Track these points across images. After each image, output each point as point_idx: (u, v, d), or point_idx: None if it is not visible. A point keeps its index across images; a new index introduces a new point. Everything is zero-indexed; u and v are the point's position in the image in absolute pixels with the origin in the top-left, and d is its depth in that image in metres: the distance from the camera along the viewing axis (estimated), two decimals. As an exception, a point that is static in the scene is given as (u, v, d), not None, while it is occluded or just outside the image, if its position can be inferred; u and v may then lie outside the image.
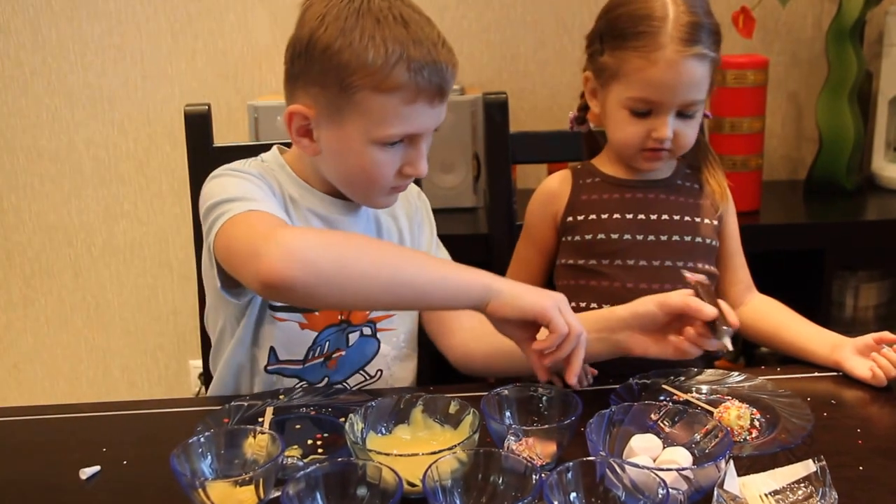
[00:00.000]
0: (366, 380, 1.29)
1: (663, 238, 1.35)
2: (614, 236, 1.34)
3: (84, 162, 2.46)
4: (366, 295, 1.00)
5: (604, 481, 0.84)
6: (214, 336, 1.29)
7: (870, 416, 1.12)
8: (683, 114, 1.29)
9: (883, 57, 2.29)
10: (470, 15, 2.36)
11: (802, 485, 0.91)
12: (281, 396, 1.16)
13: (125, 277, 2.55)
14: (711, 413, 1.08)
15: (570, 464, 0.83)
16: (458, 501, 0.85)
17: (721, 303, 1.12)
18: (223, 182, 1.14)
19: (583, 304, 1.34)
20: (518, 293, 1.05)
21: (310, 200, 1.21)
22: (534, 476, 0.83)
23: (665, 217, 1.36)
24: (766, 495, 0.90)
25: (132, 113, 2.43)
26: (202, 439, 0.90)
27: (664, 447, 0.95)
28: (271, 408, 1.10)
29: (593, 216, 1.36)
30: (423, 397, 1.03)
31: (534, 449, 0.94)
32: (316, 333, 1.23)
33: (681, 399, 1.15)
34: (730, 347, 1.11)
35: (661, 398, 1.15)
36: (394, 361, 1.31)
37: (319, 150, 1.15)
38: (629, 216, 1.35)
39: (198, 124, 1.43)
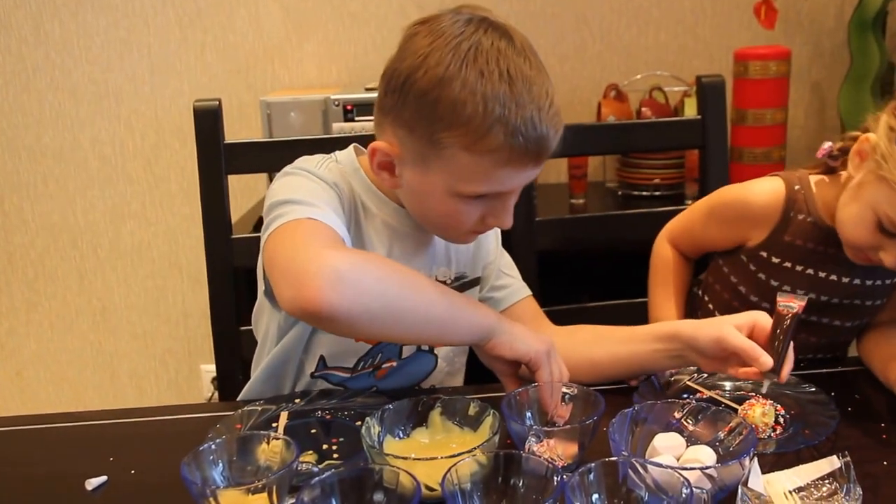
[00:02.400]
0: None
1: (846, 302, 1.30)
2: (799, 291, 1.23)
3: (89, 160, 2.46)
4: (400, 331, 1.04)
5: (626, 482, 0.85)
6: (260, 337, 1.30)
7: (894, 412, 1.13)
8: None
9: (905, 47, 2.30)
10: (487, 5, 2.36)
11: (827, 481, 0.92)
12: (297, 401, 1.17)
13: (133, 280, 2.55)
14: (735, 410, 1.09)
15: (592, 464, 0.84)
16: (478, 504, 0.86)
17: (788, 354, 1.08)
18: (291, 181, 1.14)
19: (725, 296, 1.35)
20: (516, 336, 1.09)
21: (382, 210, 1.19)
22: (555, 478, 0.84)
23: (857, 281, 1.28)
24: (790, 492, 0.91)
25: (140, 109, 2.43)
26: (213, 446, 0.90)
27: (688, 446, 0.96)
28: (286, 412, 1.11)
29: (788, 263, 1.28)
30: (441, 399, 1.04)
31: (555, 450, 0.95)
32: (371, 346, 1.25)
33: (704, 396, 1.16)
34: (763, 391, 1.15)
35: (685, 396, 1.16)
36: (447, 377, 1.33)
37: (400, 185, 1.14)
38: (823, 274, 1.27)
39: (208, 120, 1.42)
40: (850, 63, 2.31)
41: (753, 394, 1.17)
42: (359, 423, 1.03)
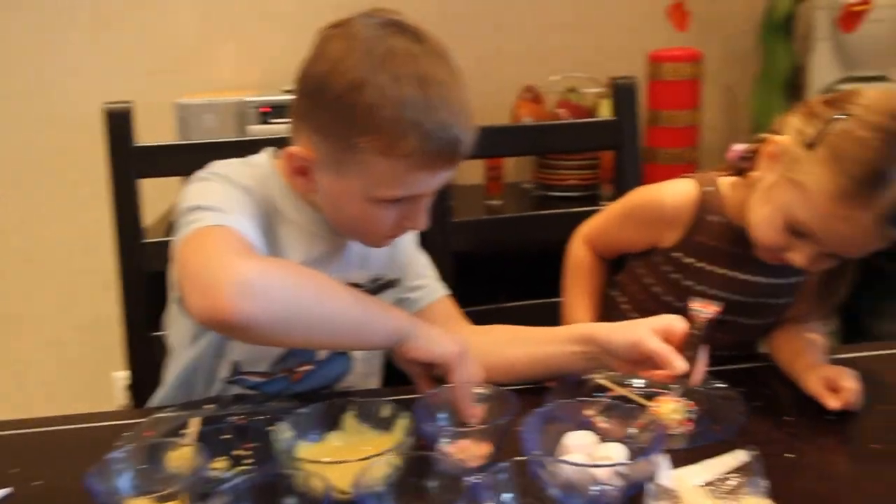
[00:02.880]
0: None
1: (757, 301, 1.32)
2: (711, 291, 1.28)
3: (-3, 163, 2.39)
4: (313, 338, 1.04)
5: (538, 480, 0.85)
6: (172, 343, 1.28)
7: (801, 406, 1.16)
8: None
9: (812, 51, 2.37)
10: (403, 8, 2.36)
11: (735, 475, 0.95)
12: (210, 406, 1.15)
13: (42, 285, 2.48)
14: (647, 407, 1.11)
15: (504, 464, 0.85)
16: (390, 506, 0.86)
17: (700, 358, 1.10)
18: (203, 187, 1.12)
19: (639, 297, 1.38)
20: (430, 339, 1.09)
21: (297, 214, 1.18)
22: (467, 478, 0.84)
23: (767, 280, 1.30)
24: (699, 487, 0.93)
25: (50, 111, 2.36)
26: (121, 455, 0.88)
27: (599, 443, 0.97)
28: (198, 418, 1.09)
29: (701, 264, 1.30)
30: (354, 402, 1.04)
31: (468, 450, 0.96)
32: (284, 350, 1.23)
33: (616, 394, 1.17)
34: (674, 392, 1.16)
35: (597, 394, 1.17)
36: (363, 378, 1.33)
37: (316, 190, 1.13)
38: (734, 274, 1.30)
39: (118, 123, 1.40)
40: (761, 65, 2.38)
41: (664, 391, 1.18)
42: (272, 428, 1.01)
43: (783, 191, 1.16)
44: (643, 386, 1.21)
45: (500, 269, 1.96)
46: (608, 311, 1.47)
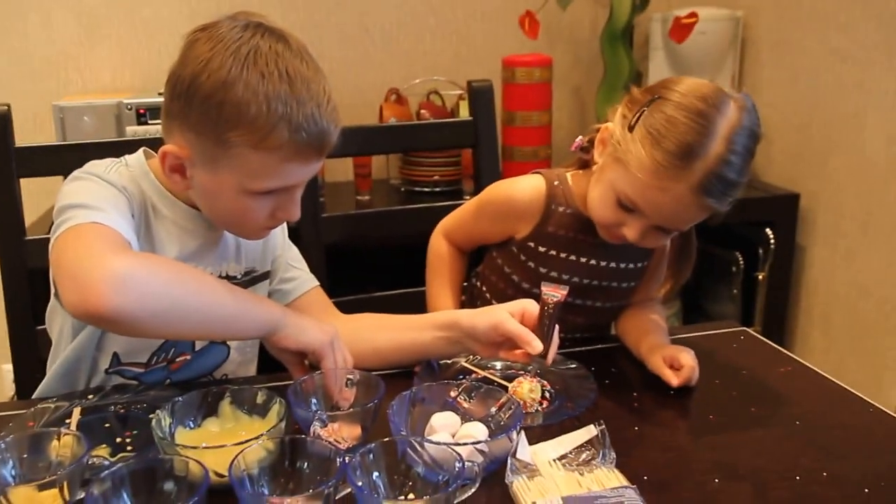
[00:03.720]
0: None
1: (605, 284, 1.35)
2: (564, 276, 1.31)
3: None
4: (187, 330, 1.04)
5: (405, 459, 0.85)
6: (54, 336, 1.23)
7: (645, 383, 1.21)
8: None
9: (649, 58, 2.48)
10: (275, 13, 2.34)
11: (586, 448, 0.97)
12: (90, 396, 1.11)
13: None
14: (506, 388, 1.12)
15: (372, 445, 0.85)
16: (265, 489, 0.84)
17: (553, 338, 1.11)
18: (78, 186, 1.08)
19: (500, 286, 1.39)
20: (302, 328, 1.10)
21: (172, 211, 1.15)
22: (338, 459, 0.84)
23: (613, 265, 1.33)
24: (554, 461, 0.95)
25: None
26: (2, 445, 0.86)
27: (462, 422, 0.99)
28: (78, 408, 1.05)
29: (553, 252, 1.32)
30: (230, 389, 1.02)
31: (339, 433, 0.95)
32: (162, 341, 1.20)
33: (479, 376, 1.19)
34: (531, 371, 1.20)
35: (461, 377, 1.18)
36: (240, 366, 1.30)
37: (192, 186, 1.11)
38: (584, 259, 1.32)
39: (-2, 125, 1.37)
40: (604, 70, 2.46)
41: (522, 372, 1.21)
42: (152, 416, 0.98)
43: (611, 170, 1.19)
44: (502, 368, 1.23)
45: (369, 260, 1.96)
46: (470, 299, 1.49)
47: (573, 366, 1.23)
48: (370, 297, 1.59)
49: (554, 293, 1.12)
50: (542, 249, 1.34)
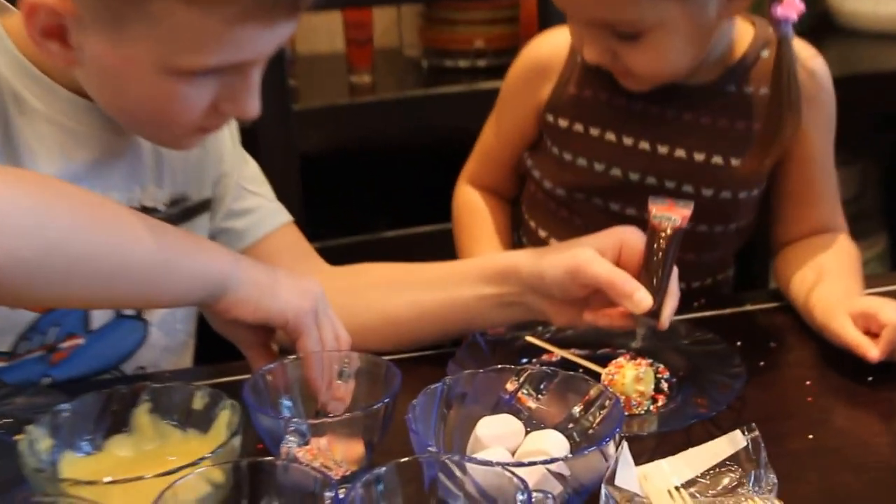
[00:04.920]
0: None
1: (678, 187, 1.38)
2: (598, 167, 1.37)
3: None
4: (76, 290, 1.00)
5: (436, 489, 0.85)
6: None
7: (825, 363, 1.20)
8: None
9: None
10: None
11: (729, 468, 0.96)
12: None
13: None
14: (598, 375, 1.12)
15: (383, 469, 0.84)
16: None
17: (671, 288, 1.12)
18: None
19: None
20: (264, 288, 1.09)
21: (47, 102, 1.15)
22: (327, 494, 0.83)
23: (682, 153, 1.38)
24: (677, 489, 0.94)
25: None
26: None
27: (527, 431, 0.99)
28: None
29: (578, 126, 1.41)
30: (149, 390, 1.02)
31: (330, 453, 0.95)
32: (37, 315, 1.20)
33: (553, 359, 1.20)
34: (636, 344, 1.20)
35: (523, 359, 1.19)
36: (165, 354, 1.32)
37: (78, 61, 1.08)
38: (627, 140, 1.39)
39: None
40: None
41: (623, 350, 1.20)
42: (20, 436, 0.98)
43: None
44: (592, 344, 1.24)
45: (369, 180, 1.95)
46: None
47: (706, 338, 1.23)
48: (370, 240, 1.60)
49: (668, 213, 1.11)
50: (562, 124, 1.40)
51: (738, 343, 1.22)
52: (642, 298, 1.09)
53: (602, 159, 1.38)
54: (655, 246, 1.11)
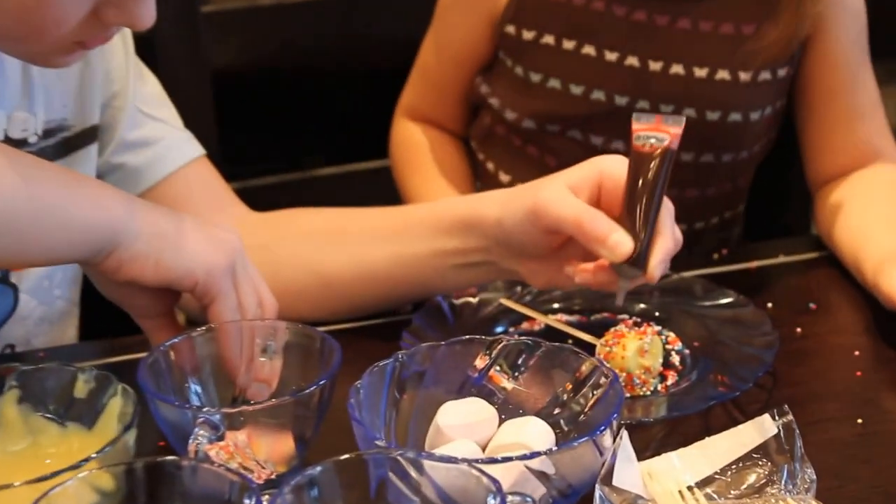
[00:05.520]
0: None
1: (667, 109, 1.39)
2: (575, 90, 1.37)
3: None
4: None
5: (385, 493, 0.84)
6: None
7: (878, 329, 1.20)
8: None
9: None
10: None
11: (755, 462, 0.96)
12: None
13: None
14: (592, 347, 1.12)
15: (318, 469, 0.83)
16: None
17: (663, 227, 1.10)
18: None
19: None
20: (166, 243, 1.09)
21: None
22: (247, 501, 0.82)
23: (679, 69, 1.40)
24: (690, 489, 0.94)
25: None
26: None
27: (502, 419, 0.98)
28: None
29: (548, 38, 1.40)
30: (17, 372, 1.02)
31: (250, 451, 0.95)
32: None
33: (535, 326, 1.20)
34: (619, 302, 1.15)
35: (498, 327, 1.20)
36: (40, 327, 1.33)
37: None
38: (611, 56, 1.39)
39: None
40: None
41: (624, 316, 1.21)
42: None
43: None
44: (583, 309, 1.25)
45: (301, 104, 1.94)
46: None
47: (730, 299, 1.23)
48: (303, 180, 1.61)
49: (654, 133, 1.11)
50: (527, 36, 1.41)
51: (769, 305, 1.22)
52: (619, 242, 1.08)
53: (580, 79, 1.39)
54: (639, 175, 1.10)
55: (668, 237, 1.10)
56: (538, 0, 1.41)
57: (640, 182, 1.09)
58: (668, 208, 1.11)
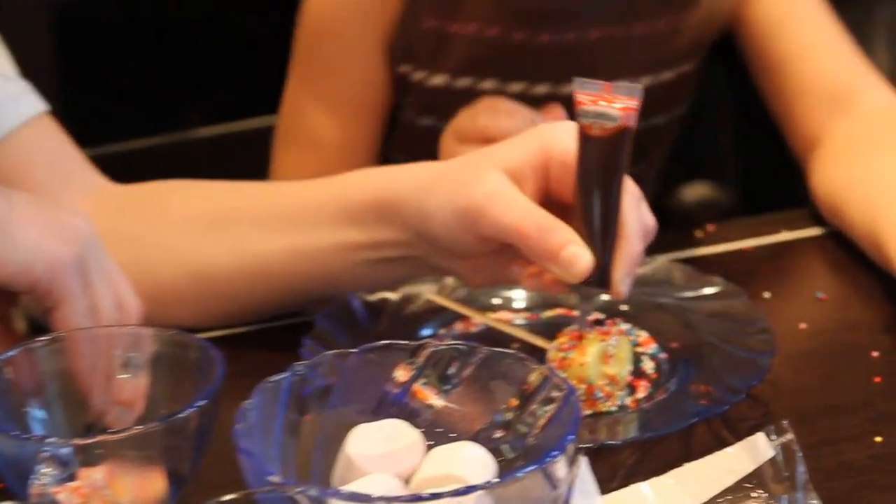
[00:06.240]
0: None
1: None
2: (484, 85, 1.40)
3: None
4: None
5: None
6: None
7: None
8: None
9: None
10: None
11: (748, 491, 0.97)
12: None
13: None
14: (543, 352, 1.14)
15: (197, 513, 0.85)
16: None
17: (627, 217, 1.11)
18: None
19: None
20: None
21: None
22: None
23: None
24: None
25: None
26: None
27: (429, 445, 0.99)
28: None
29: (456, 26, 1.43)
30: None
31: (111, 492, 0.95)
32: None
33: (472, 327, 1.23)
34: (579, 328, 1.17)
35: (424, 329, 1.22)
36: None
37: None
38: (518, 34, 1.42)
39: None
40: None
41: (584, 311, 1.20)
42: None
43: None
44: (534, 305, 1.27)
45: (168, 51, 1.95)
46: None
47: (716, 289, 1.25)
48: (173, 144, 1.62)
49: (605, 108, 1.10)
50: (429, 24, 1.46)
51: (766, 295, 1.24)
52: (574, 258, 1.09)
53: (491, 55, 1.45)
54: (589, 165, 1.11)
55: (633, 238, 1.12)
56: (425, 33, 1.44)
57: (592, 175, 1.10)
58: (631, 195, 1.12)
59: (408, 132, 1.49)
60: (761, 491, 0.97)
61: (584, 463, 0.95)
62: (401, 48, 1.47)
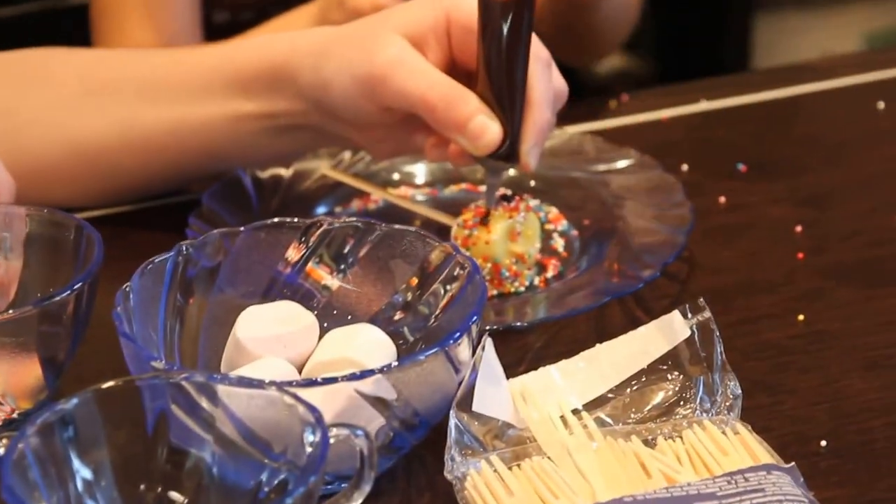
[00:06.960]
0: None
1: None
2: None
3: None
4: None
5: (166, 431, 0.85)
6: None
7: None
8: None
9: None
10: None
11: (663, 374, 0.98)
12: None
13: None
14: (447, 229, 1.15)
15: (74, 402, 0.82)
16: None
17: (536, 85, 1.11)
18: None
19: None
20: None
21: None
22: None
23: None
24: (576, 413, 0.96)
25: None
26: None
27: (324, 328, 1.00)
28: None
29: None
30: None
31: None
32: None
33: (370, 203, 1.24)
34: (489, 204, 1.17)
35: (320, 207, 1.23)
36: None
37: None
38: None
39: None
40: None
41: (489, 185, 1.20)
42: None
43: None
44: (436, 180, 1.28)
45: None
46: None
47: (627, 162, 1.25)
48: (54, 9, 1.60)
49: None
50: None
51: (684, 167, 1.26)
52: (481, 129, 1.09)
53: None
54: (492, 31, 1.10)
55: (542, 105, 1.12)
56: None
57: (496, 40, 1.10)
58: (540, 59, 1.12)
59: None
60: (677, 372, 0.98)
61: (489, 345, 0.94)
62: None
